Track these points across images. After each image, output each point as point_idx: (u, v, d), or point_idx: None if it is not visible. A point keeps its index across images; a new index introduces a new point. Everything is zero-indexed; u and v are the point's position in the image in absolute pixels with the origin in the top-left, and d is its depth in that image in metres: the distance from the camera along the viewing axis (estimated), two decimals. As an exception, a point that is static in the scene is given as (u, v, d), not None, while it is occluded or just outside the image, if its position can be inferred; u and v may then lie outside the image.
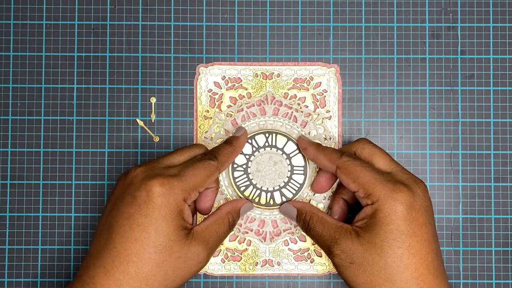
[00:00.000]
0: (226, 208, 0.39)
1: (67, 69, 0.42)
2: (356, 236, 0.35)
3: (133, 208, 0.34)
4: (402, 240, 0.33)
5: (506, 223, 0.41)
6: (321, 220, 0.37)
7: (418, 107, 0.42)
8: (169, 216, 0.34)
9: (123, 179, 0.36)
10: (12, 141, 0.41)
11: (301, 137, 0.40)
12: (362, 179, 0.35)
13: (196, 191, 0.36)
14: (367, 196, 0.35)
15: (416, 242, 0.34)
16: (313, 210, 0.38)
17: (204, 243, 0.36)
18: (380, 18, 0.42)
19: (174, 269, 0.34)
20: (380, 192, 0.34)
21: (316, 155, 0.38)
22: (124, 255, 0.33)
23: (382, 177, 0.35)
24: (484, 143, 0.41)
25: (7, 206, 0.41)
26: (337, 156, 0.37)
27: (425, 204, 0.35)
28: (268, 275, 0.41)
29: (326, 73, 0.42)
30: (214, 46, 0.42)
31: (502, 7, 0.42)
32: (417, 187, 0.35)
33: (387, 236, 0.34)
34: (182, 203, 0.35)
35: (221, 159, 0.38)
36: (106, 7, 0.42)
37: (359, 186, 0.35)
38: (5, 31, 0.42)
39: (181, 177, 0.35)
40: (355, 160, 0.36)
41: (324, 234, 0.36)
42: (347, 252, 0.34)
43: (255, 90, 0.42)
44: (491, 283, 0.41)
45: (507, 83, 0.42)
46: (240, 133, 0.40)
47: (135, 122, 0.42)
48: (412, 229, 0.34)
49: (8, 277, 0.41)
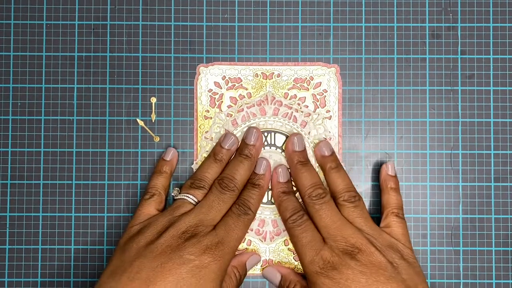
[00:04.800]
0: (232, 263, 0.39)
1: (67, 69, 0.42)
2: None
3: (183, 269, 0.34)
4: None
5: (506, 223, 0.41)
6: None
7: (418, 107, 0.42)
8: (217, 280, 0.35)
9: (163, 224, 0.37)
10: (12, 141, 0.41)
11: (277, 172, 0.40)
12: (297, 251, 0.37)
13: (237, 248, 0.38)
14: (303, 270, 0.37)
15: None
16: (297, 278, 0.39)
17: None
18: (380, 18, 0.42)
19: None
20: (308, 271, 0.36)
21: (276, 200, 0.40)
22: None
23: (312, 253, 0.36)
24: (484, 143, 0.41)
25: (7, 206, 0.41)
26: (288, 214, 0.38)
27: (354, 271, 0.35)
28: (268, 275, 0.41)
29: (326, 73, 0.42)
30: (214, 46, 0.42)
31: (502, 7, 0.42)
32: (344, 260, 0.35)
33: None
34: (227, 267, 0.36)
35: (255, 209, 0.39)
36: (106, 7, 0.42)
37: (297, 255, 0.38)
38: (5, 31, 0.42)
39: (228, 243, 0.36)
40: (297, 227, 0.37)
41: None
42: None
43: (255, 90, 0.42)
44: (491, 283, 0.41)
45: (507, 83, 0.42)
46: (265, 169, 0.40)
47: (135, 122, 0.42)
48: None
49: (8, 277, 0.41)
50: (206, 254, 0.35)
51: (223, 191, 0.38)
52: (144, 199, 0.39)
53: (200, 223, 0.37)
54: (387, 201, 0.39)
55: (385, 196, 0.40)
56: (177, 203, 0.38)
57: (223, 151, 0.40)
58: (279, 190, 0.39)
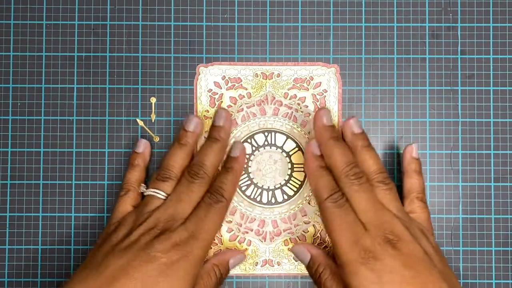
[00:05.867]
0: (212, 260, 0.38)
1: (67, 69, 0.42)
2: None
3: (149, 266, 0.33)
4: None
5: (506, 223, 0.41)
6: (334, 275, 0.35)
7: (418, 107, 0.42)
8: (188, 277, 0.33)
9: (133, 221, 0.36)
10: (12, 141, 0.41)
11: (312, 144, 0.37)
12: (334, 236, 0.34)
13: (212, 241, 0.36)
14: (337, 254, 0.34)
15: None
16: (327, 262, 0.36)
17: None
18: (380, 18, 0.42)
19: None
20: (346, 259, 0.33)
21: (311, 176, 0.37)
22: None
23: (352, 239, 0.33)
24: (484, 143, 0.41)
25: (7, 206, 0.41)
26: (327, 193, 0.35)
27: (397, 262, 0.32)
28: (268, 275, 0.41)
29: (326, 73, 0.42)
30: (214, 46, 0.42)
31: (502, 7, 0.42)
32: (385, 249, 0.33)
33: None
34: (201, 263, 0.35)
35: (228, 196, 0.36)
36: (106, 7, 0.42)
37: (331, 239, 0.34)
38: (5, 31, 0.42)
39: (199, 236, 0.34)
40: (337, 208, 0.34)
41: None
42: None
43: (255, 90, 0.42)
44: (491, 283, 0.41)
45: (507, 83, 0.42)
46: (238, 152, 0.38)
47: (135, 122, 0.42)
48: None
49: (8, 277, 0.41)
50: (174, 251, 0.33)
51: (192, 179, 0.36)
52: (120, 195, 0.38)
53: (169, 218, 0.35)
54: (411, 185, 0.38)
55: (409, 180, 0.38)
56: (146, 199, 0.37)
57: (187, 134, 0.38)
58: (317, 164, 0.36)
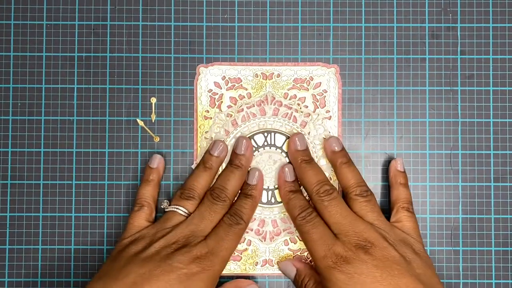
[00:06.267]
0: (228, 286, 0.39)
1: (67, 69, 0.42)
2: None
3: (171, 275, 0.34)
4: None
5: (506, 223, 0.41)
6: (318, 285, 0.37)
7: (418, 107, 0.42)
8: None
9: (153, 235, 0.37)
10: (12, 141, 0.41)
11: (282, 171, 0.40)
12: (309, 248, 0.37)
13: (229, 259, 0.37)
14: (315, 266, 0.37)
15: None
16: (312, 273, 0.38)
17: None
18: (380, 18, 0.42)
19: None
20: (321, 267, 0.35)
21: (283, 199, 0.40)
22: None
23: (324, 248, 0.36)
24: (484, 143, 0.41)
25: (7, 206, 0.41)
26: (296, 212, 0.38)
27: (368, 265, 0.34)
28: (268, 275, 0.41)
29: (326, 73, 0.42)
30: (214, 46, 0.42)
31: (502, 7, 0.42)
32: (357, 254, 0.35)
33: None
34: (218, 278, 0.36)
35: (247, 219, 0.39)
36: (106, 7, 0.42)
37: (309, 252, 0.37)
38: (5, 31, 0.42)
39: (218, 253, 0.36)
40: (307, 224, 0.37)
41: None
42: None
43: (255, 90, 0.42)
44: (491, 283, 0.41)
45: (507, 83, 0.42)
46: (257, 180, 0.40)
47: (135, 122, 0.42)
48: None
49: (8, 277, 0.41)
50: (195, 263, 0.35)
51: (214, 201, 0.38)
52: (134, 211, 0.39)
53: (191, 234, 0.37)
54: (397, 196, 0.39)
55: (395, 191, 0.40)
56: (168, 215, 0.38)
57: (212, 159, 0.40)
58: (286, 189, 0.39)
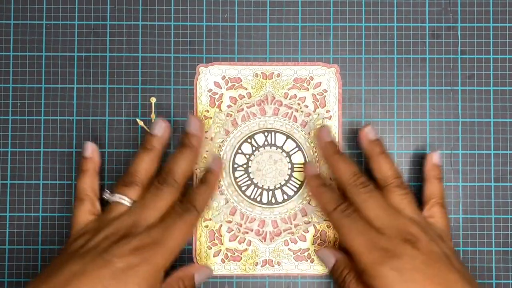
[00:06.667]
0: (177, 273, 0.37)
1: (67, 69, 0.42)
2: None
3: (103, 271, 0.32)
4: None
5: (506, 223, 0.41)
6: (358, 279, 0.36)
7: (418, 107, 0.42)
8: (145, 285, 0.32)
9: (95, 229, 0.35)
10: (12, 141, 0.41)
11: (308, 166, 0.39)
12: (349, 243, 0.35)
13: (177, 252, 0.35)
14: (356, 261, 0.35)
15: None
16: (352, 266, 0.37)
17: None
18: (380, 18, 0.42)
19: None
20: (365, 262, 0.34)
21: (315, 194, 0.38)
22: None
23: (368, 243, 0.34)
24: (484, 143, 0.41)
25: (7, 206, 0.41)
26: (332, 206, 0.36)
27: (417, 260, 0.34)
28: (268, 275, 0.41)
29: (326, 73, 0.42)
30: (214, 46, 0.42)
31: (502, 7, 0.42)
32: (404, 248, 0.34)
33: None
34: (161, 272, 0.34)
35: (200, 207, 0.36)
36: (106, 7, 0.42)
37: (347, 247, 0.35)
38: (5, 31, 0.42)
39: (164, 244, 0.34)
40: (346, 218, 0.35)
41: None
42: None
43: (255, 90, 0.42)
44: (491, 283, 0.41)
45: (507, 83, 0.42)
46: (215, 165, 0.38)
47: (135, 122, 0.42)
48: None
49: (8, 277, 0.41)
50: (133, 256, 0.32)
51: (160, 186, 0.36)
52: (75, 206, 0.37)
53: (132, 224, 0.35)
54: (432, 191, 0.38)
55: (430, 185, 0.39)
56: (110, 206, 0.37)
57: (153, 139, 0.38)
58: (318, 182, 0.38)
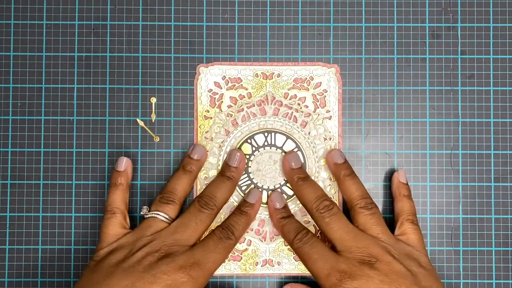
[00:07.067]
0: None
1: (67, 69, 0.42)
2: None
3: (154, 287, 0.33)
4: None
5: (506, 223, 0.41)
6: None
7: (418, 107, 0.42)
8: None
9: (132, 243, 0.36)
10: (12, 141, 0.41)
11: (273, 197, 0.40)
12: (310, 268, 0.36)
13: (213, 274, 0.37)
14: (320, 286, 0.36)
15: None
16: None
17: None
18: (380, 18, 0.42)
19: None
20: (325, 286, 0.35)
21: (277, 226, 0.39)
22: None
23: (327, 267, 0.35)
24: (484, 143, 0.41)
25: (7, 206, 0.41)
26: (292, 235, 0.37)
27: (375, 280, 0.34)
28: (268, 275, 0.41)
29: (326, 73, 0.42)
30: (214, 46, 0.42)
31: (502, 7, 0.42)
32: (362, 269, 0.34)
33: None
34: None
35: (238, 236, 0.38)
36: (106, 7, 0.42)
37: (310, 273, 0.37)
38: (5, 31, 0.42)
39: (205, 265, 0.35)
40: (305, 245, 0.36)
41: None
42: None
43: (255, 90, 0.42)
44: (491, 283, 0.41)
45: (507, 83, 0.42)
46: (255, 199, 0.39)
47: (135, 122, 0.42)
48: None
49: (8, 277, 0.41)
50: (181, 273, 0.34)
51: (202, 209, 0.37)
52: (106, 219, 0.38)
53: (174, 243, 0.36)
54: (401, 209, 0.39)
55: (399, 203, 0.39)
56: (148, 221, 0.37)
57: (192, 162, 0.39)
58: (278, 217, 0.39)
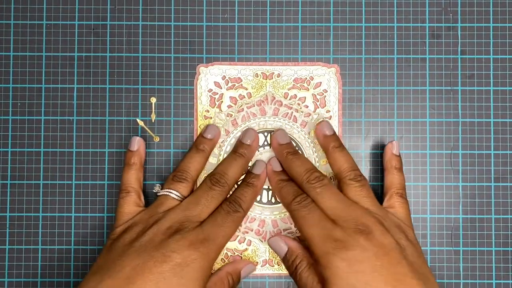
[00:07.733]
0: (226, 268, 0.38)
1: (67, 69, 0.42)
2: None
3: (164, 267, 0.33)
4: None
5: (506, 223, 0.41)
6: (310, 267, 0.36)
7: (418, 107, 0.42)
8: (201, 279, 0.34)
9: (145, 220, 0.36)
10: (12, 141, 0.41)
11: (272, 162, 0.40)
12: (305, 233, 0.35)
13: (223, 248, 0.37)
14: (311, 251, 0.35)
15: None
16: (304, 254, 0.37)
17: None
18: (380, 18, 0.42)
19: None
20: (318, 252, 0.34)
21: (275, 188, 0.39)
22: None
23: (322, 233, 0.34)
24: (484, 143, 0.41)
25: (7, 206, 0.41)
26: (290, 198, 0.37)
27: (368, 252, 0.33)
28: (268, 275, 0.41)
29: (326, 73, 0.42)
30: (214, 46, 0.42)
31: (502, 7, 0.42)
32: (356, 240, 0.34)
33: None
34: (212, 267, 0.35)
35: (246, 208, 0.38)
36: (106, 7, 0.42)
37: (303, 237, 0.36)
38: (5, 31, 0.42)
39: (214, 240, 0.35)
40: (302, 208, 0.36)
41: (308, 283, 0.35)
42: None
43: (255, 90, 0.42)
44: (491, 283, 0.41)
45: (507, 83, 0.42)
46: (260, 170, 0.39)
47: (135, 122, 0.42)
48: (361, 282, 0.33)
49: (8, 277, 0.41)
50: (190, 250, 0.34)
51: (213, 186, 0.37)
52: (121, 197, 0.38)
53: (185, 219, 0.36)
54: (391, 181, 0.39)
55: (389, 176, 0.39)
56: (160, 199, 0.38)
57: (205, 141, 0.39)
58: (277, 178, 0.39)
